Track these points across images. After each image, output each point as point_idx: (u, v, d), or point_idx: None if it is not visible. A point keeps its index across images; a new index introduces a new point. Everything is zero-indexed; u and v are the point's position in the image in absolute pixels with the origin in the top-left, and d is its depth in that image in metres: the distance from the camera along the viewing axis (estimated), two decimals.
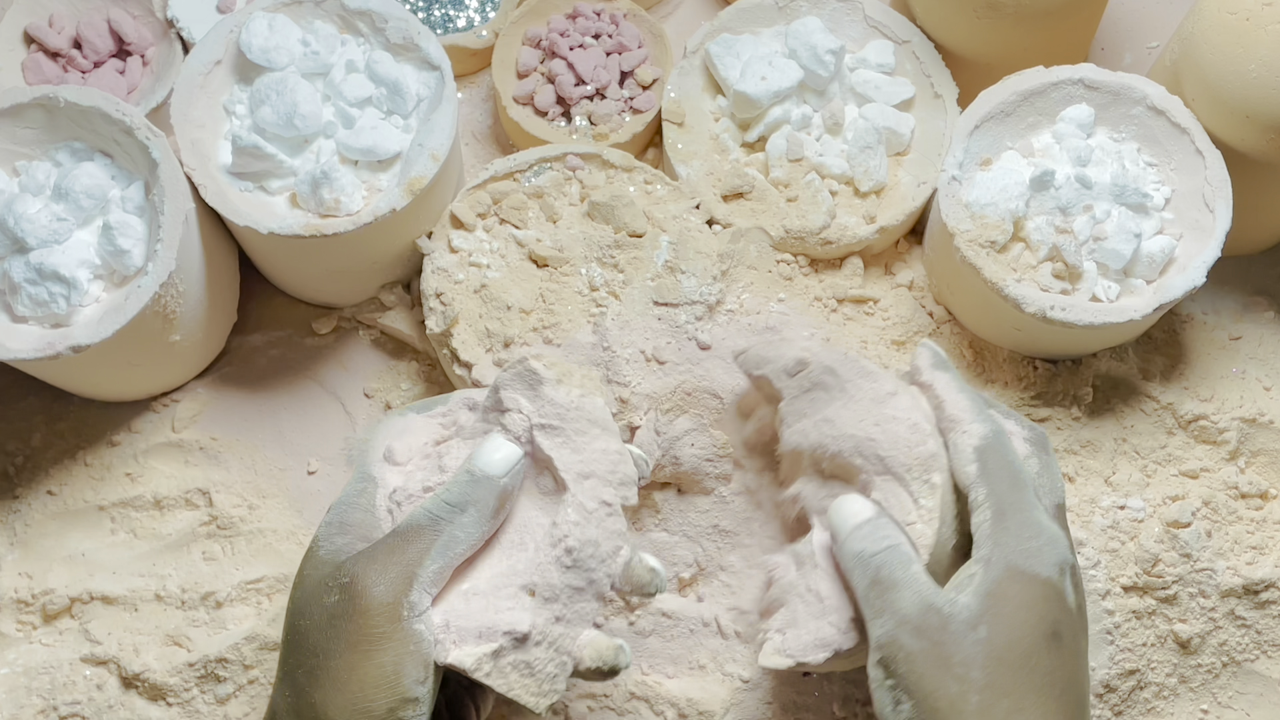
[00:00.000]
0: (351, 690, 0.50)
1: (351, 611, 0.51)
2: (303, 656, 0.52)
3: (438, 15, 0.85)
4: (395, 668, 0.51)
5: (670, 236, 0.74)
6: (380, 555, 0.53)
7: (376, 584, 0.51)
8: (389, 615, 0.51)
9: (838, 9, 0.80)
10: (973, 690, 0.52)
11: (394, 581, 0.52)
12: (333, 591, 0.52)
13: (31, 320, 0.69)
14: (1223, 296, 0.81)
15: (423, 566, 0.52)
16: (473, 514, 0.54)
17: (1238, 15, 0.71)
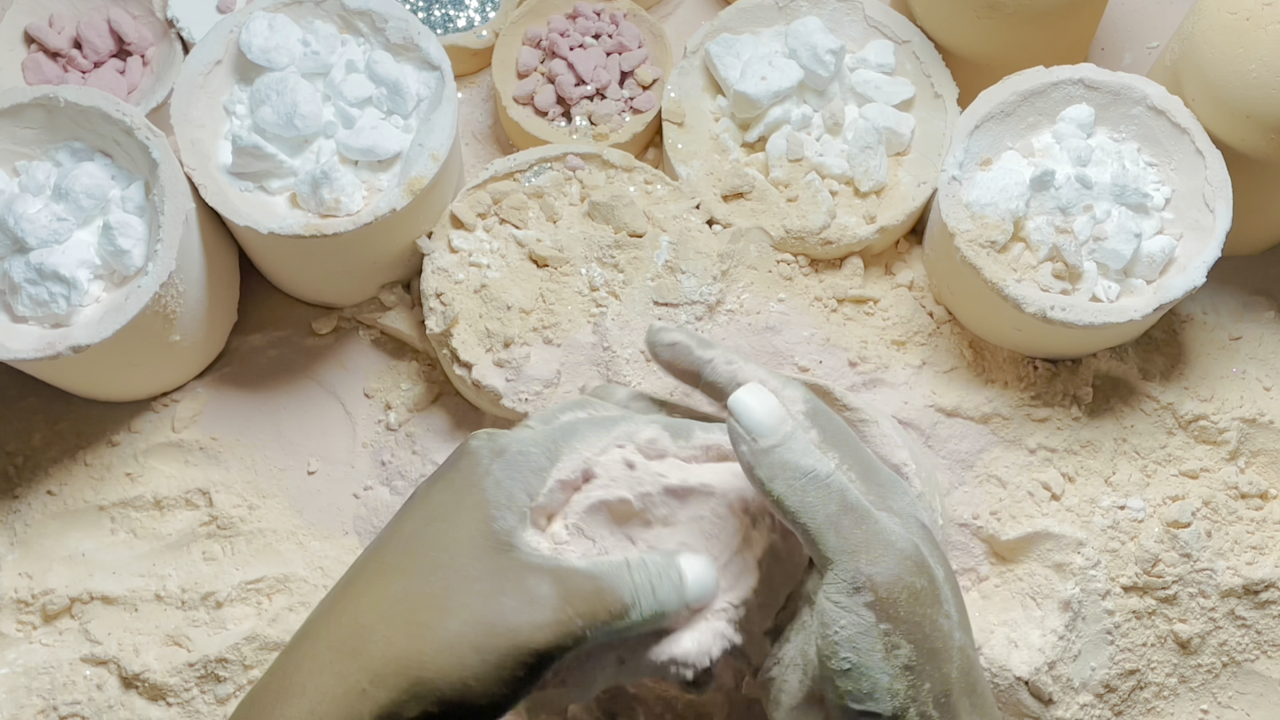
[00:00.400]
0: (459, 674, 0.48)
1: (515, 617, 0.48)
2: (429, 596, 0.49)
3: (438, 15, 0.85)
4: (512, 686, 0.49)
5: (670, 236, 0.74)
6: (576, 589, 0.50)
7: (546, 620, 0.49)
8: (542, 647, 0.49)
9: (838, 9, 0.80)
10: (955, 628, 0.51)
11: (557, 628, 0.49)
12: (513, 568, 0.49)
13: (31, 320, 0.69)
14: (1223, 296, 0.81)
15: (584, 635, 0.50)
16: (655, 621, 0.52)
17: (1238, 15, 0.71)
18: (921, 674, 0.50)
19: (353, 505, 0.75)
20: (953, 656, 0.51)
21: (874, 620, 0.49)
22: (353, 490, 0.75)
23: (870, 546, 0.50)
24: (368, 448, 0.76)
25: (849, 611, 0.49)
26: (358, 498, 0.75)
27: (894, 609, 0.49)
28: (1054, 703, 0.70)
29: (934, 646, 0.50)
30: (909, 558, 0.50)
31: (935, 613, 0.50)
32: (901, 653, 0.49)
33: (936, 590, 0.51)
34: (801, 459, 0.50)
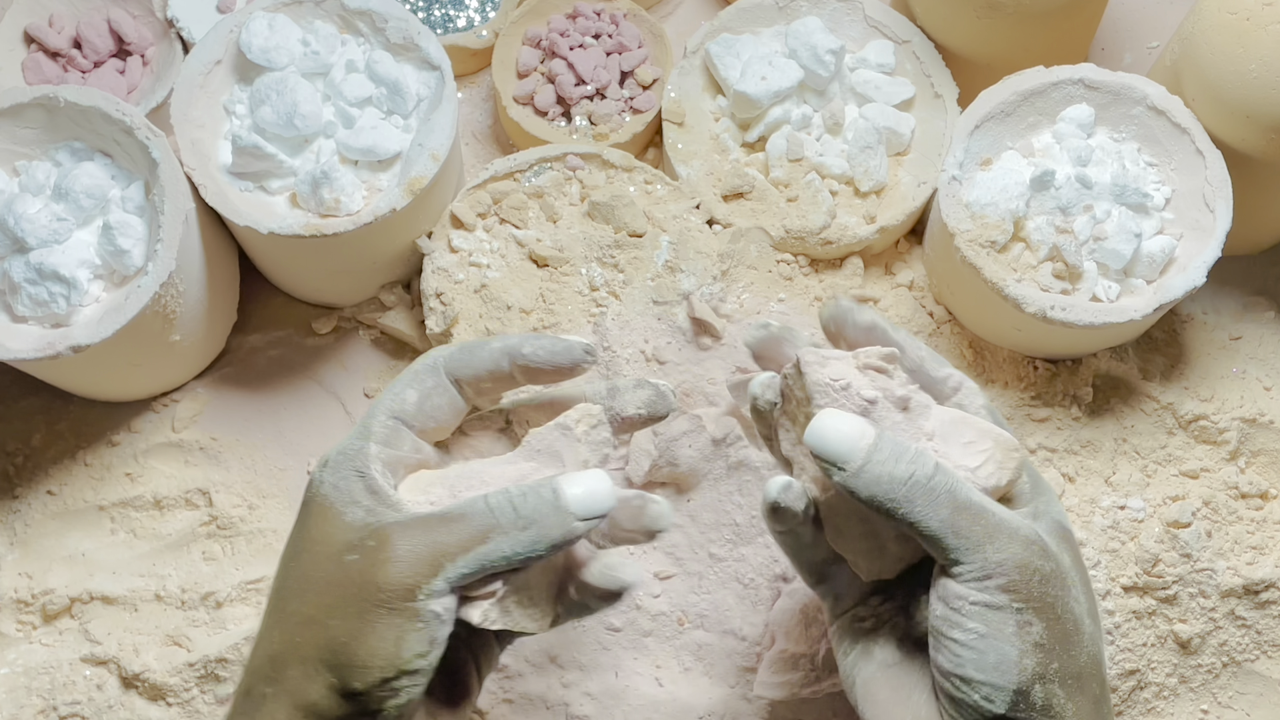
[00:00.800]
0: (349, 651, 0.50)
1: (368, 579, 0.50)
2: (303, 606, 0.51)
3: (438, 15, 0.85)
4: (397, 641, 0.50)
5: (670, 236, 0.74)
6: (418, 533, 0.50)
7: (401, 562, 0.50)
8: (403, 595, 0.50)
9: (838, 9, 0.80)
10: (1085, 615, 0.52)
11: (420, 565, 0.50)
12: (354, 552, 0.51)
13: (31, 320, 0.69)
14: (1223, 296, 0.81)
15: (454, 564, 0.50)
16: (531, 538, 0.51)
17: (1238, 15, 0.71)
18: (1052, 653, 0.50)
19: None
20: (1084, 642, 0.51)
21: (1007, 600, 0.50)
22: None
23: (994, 538, 0.50)
24: None
25: (980, 592, 0.50)
26: None
27: (1025, 589, 0.50)
28: None
29: (1065, 629, 0.51)
30: (1033, 542, 0.51)
31: (1066, 596, 0.51)
32: (1034, 630, 0.50)
33: (1064, 575, 0.51)
34: (895, 468, 0.50)
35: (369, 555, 0.50)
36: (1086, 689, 0.51)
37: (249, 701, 0.52)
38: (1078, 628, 0.51)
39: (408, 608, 0.50)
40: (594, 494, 0.51)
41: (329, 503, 0.52)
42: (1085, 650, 0.51)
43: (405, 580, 0.50)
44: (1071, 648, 0.51)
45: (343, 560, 0.51)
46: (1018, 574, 0.50)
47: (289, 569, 0.53)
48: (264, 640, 0.53)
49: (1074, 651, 0.51)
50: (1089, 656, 0.52)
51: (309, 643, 0.50)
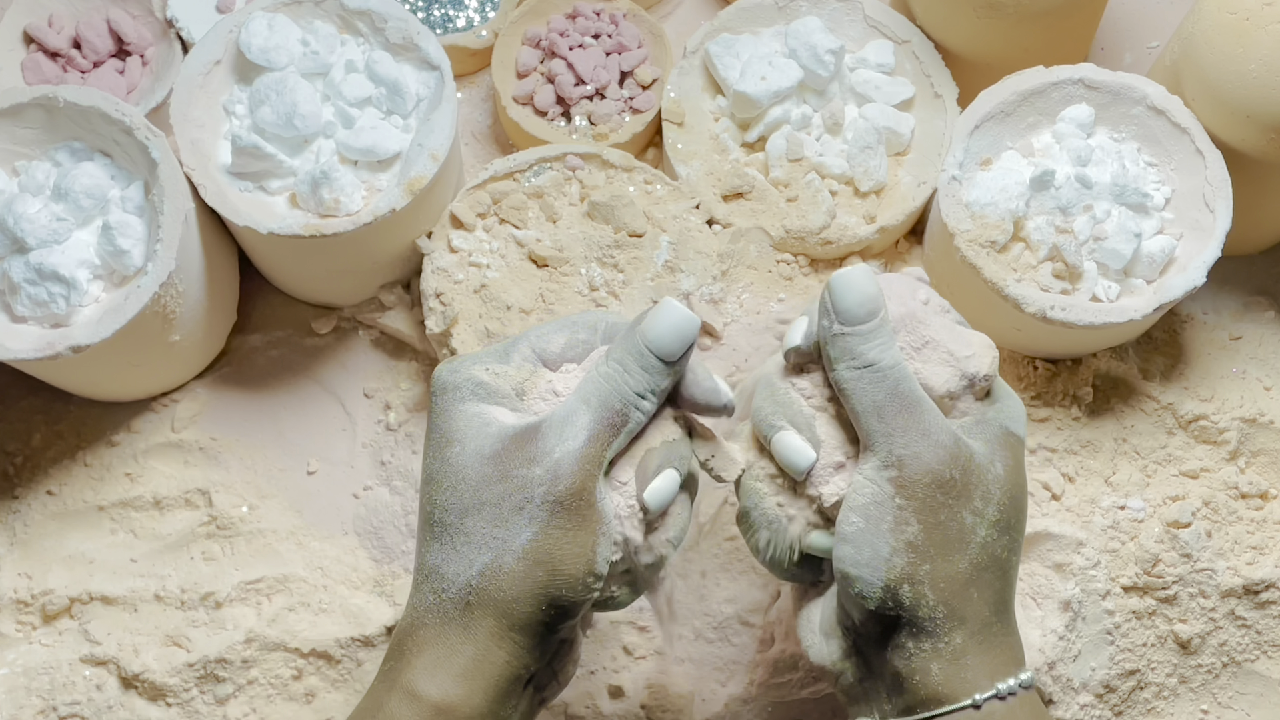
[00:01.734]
0: (555, 563, 0.51)
1: (557, 492, 0.51)
2: (489, 522, 0.52)
3: (437, 15, 0.85)
4: (593, 547, 0.52)
5: (670, 236, 0.74)
6: (578, 434, 0.52)
7: (580, 465, 0.52)
8: (587, 498, 0.52)
9: (838, 9, 0.80)
10: (983, 524, 0.53)
11: (591, 464, 0.52)
12: (525, 463, 0.52)
13: (31, 320, 0.69)
14: (1223, 296, 0.81)
15: (610, 449, 0.53)
16: (651, 402, 0.54)
17: (1238, 15, 0.71)
18: (924, 555, 0.52)
19: (352, 505, 0.75)
20: (968, 550, 0.52)
21: (891, 493, 0.52)
22: (352, 490, 0.75)
23: (907, 431, 0.52)
24: (367, 448, 0.76)
25: (872, 483, 0.53)
26: (357, 498, 0.75)
27: (912, 489, 0.52)
28: (1054, 703, 0.70)
29: (947, 535, 0.52)
30: (943, 447, 0.53)
31: (960, 505, 0.52)
32: (909, 530, 0.52)
33: (969, 486, 0.53)
34: (868, 350, 0.53)
35: (537, 467, 0.52)
36: (965, 597, 0.52)
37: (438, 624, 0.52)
38: (964, 536, 0.52)
39: (594, 512, 0.52)
40: (674, 328, 0.54)
41: (476, 401, 0.54)
42: (968, 558, 0.52)
43: (587, 483, 0.52)
44: (952, 554, 0.52)
45: (507, 470, 0.52)
46: (910, 471, 0.52)
47: (445, 468, 0.54)
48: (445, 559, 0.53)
49: (954, 559, 0.52)
50: (973, 565, 0.53)
51: (506, 560, 0.51)
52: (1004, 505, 0.54)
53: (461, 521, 0.52)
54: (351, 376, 0.78)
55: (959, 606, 0.52)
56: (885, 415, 0.53)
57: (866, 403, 0.53)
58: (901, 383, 0.53)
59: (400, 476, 0.74)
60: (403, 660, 0.53)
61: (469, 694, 0.52)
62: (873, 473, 0.53)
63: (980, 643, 0.53)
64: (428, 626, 0.53)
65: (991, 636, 0.53)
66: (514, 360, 0.56)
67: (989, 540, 0.53)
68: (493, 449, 0.52)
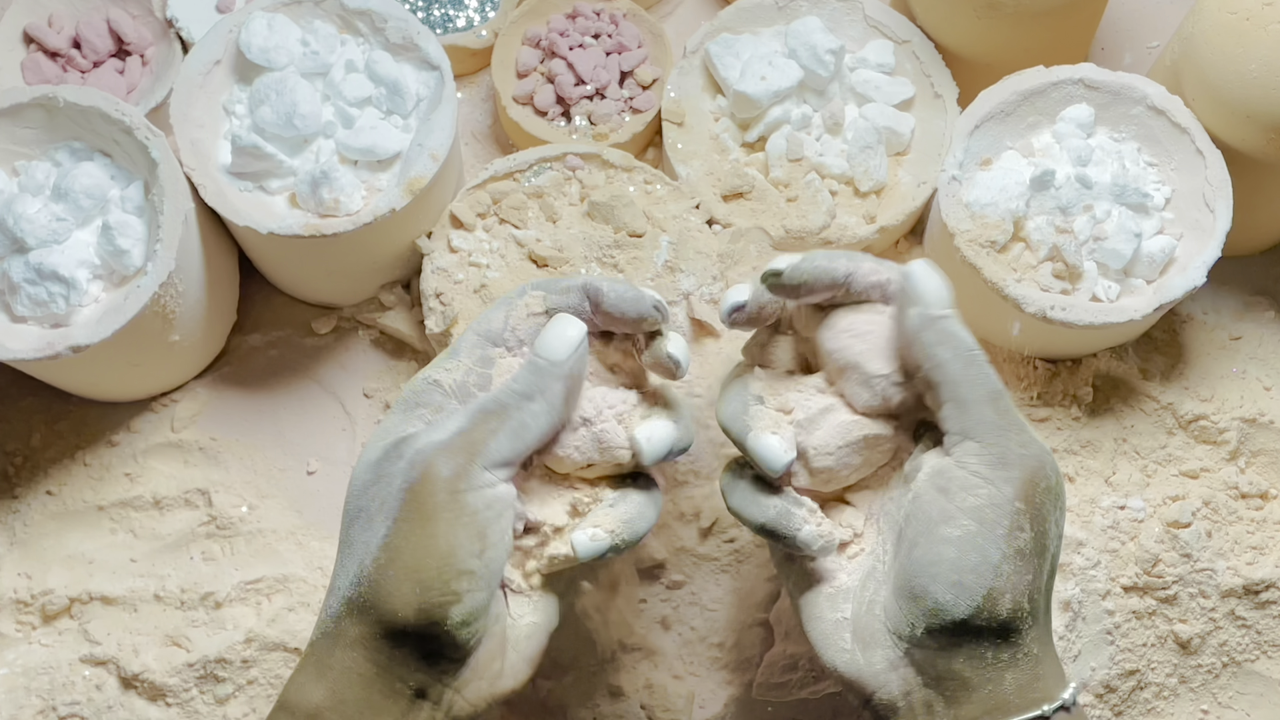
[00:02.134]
0: (405, 559, 0.50)
1: (411, 480, 0.51)
2: (361, 527, 0.52)
3: (437, 15, 0.85)
4: (449, 539, 0.50)
5: (670, 236, 0.74)
6: (447, 428, 0.52)
7: (438, 455, 0.51)
8: (447, 487, 0.50)
9: (838, 9, 0.80)
10: (1058, 538, 0.52)
11: (456, 455, 0.51)
12: (395, 460, 0.52)
13: (31, 320, 0.69)
14: (1223, 296, 0.81)
15: (487, 445, 0.51)
16: (541, 404, 0.53)
17: (1238, 15, 0.71)
18: (1028, 565, 0.50)
19: None
20: (1048, 559, 0.51)
21: (1012, 496, 0.49)
22: None
23: (1023, 430, 0.51)
24: None
25: (990, 483, 0.50)
26: None
27: (1032, 493, 0.50)
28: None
29: (1045, 544, 0.51)
30: (1045, 452, 0.51)
31: (1057, 515, 0.51)
32: (1023, 537, 0.50)
33: (1060, 497, 0.52)
34: (968, 335, 0.52)
35: (402, 461, 0.52)
36: (1041, 610, 0.51)
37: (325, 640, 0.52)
38: (1054, 547, 0.51)
39: (454, 501, 0.50)
40: (560, 336, 0.54)
41: (400, 415, 0.55)
42: (1048, 569, 0.51)
43: (453, 471, 0.50)
44: (1045, 563, 0.51)
45: (381, 470, 0.52)
46: (1031, 474, 0.50)
47: (349, 484, 0.54)
48: (336, 574, 0.53)
49: (1044, 568, 0.51)
50: (1049, 574, 0.52)
51: (367, 564, 0.51)
52: (1063, 519, 0.53)
53: (347, 533, 0.52)
54: (351, 376, 0.78)
55: (1043, 617, 0.51)
56: (1001, 408, 0.51)
57: (982, 391, 0.51)
58: (994, 379, 0.52)
59: None
60: (304, 673, 0.52)
61: (337, 703, 0.50)
62: (987, 470, 0.50)
63: (1046, 654, 0.51)
64: (313, 642, 0.52)
65: (1048, 649, 0.52)
66: (462, 352, 0.56)
67: (1055, 554, 0.52)
68: (379, 455, 0.52)
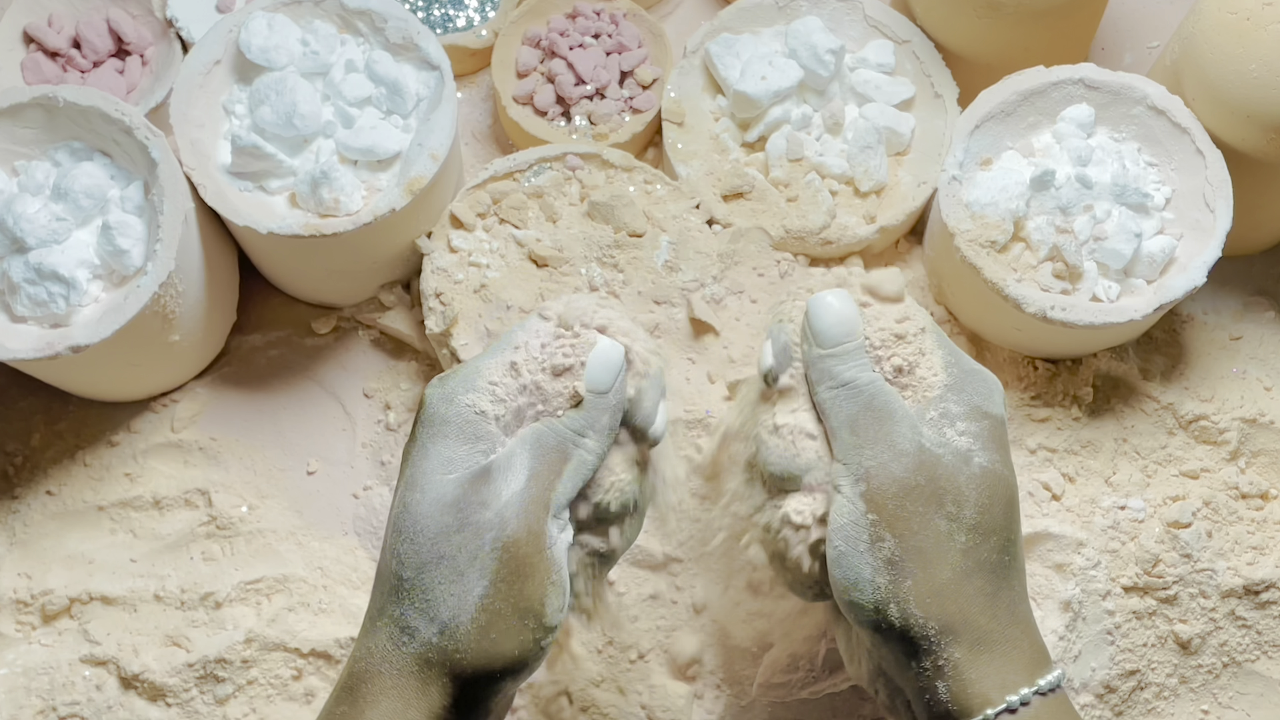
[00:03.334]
0: (505, 621, 0.50)
1: (505, 538, 0.50)
2: (446, 578, 0.51)
3: (437, 15, 0.85)
4: (542, 597, 0.51)
5: (670, 236, 0.74)
6: (519, 474, 0.52)
7: (526, 510, 0.51)
8: (536, 545, 0.51)
9: (838, 9, 0.80)
10: (960, 530, 0.52)
11: (537, 507, 0.51)
12: (478, 509, 0.51)
13: (31, 320, 0.69)
14: (1223, 296, 0.81)
15: (556, 493, 0.52)
16: (593, 439, 0.53)
17: (1238, 15, 0.71)
18: (904, 570, 0.51)
19: (352, 505, 0.75)
20: (947, 558, 0.51)
21: (864, 510, 0.52)
22: (352, 490, 0.75)
23: (876, 443, 0.52)
24: (367, 448, 0.76)
25: (849, 502, 0.52)
26: (357, 498, 0.75)
27: (882, 502, 0.51)
28: None
29: (921, 545, 0.51)
30: (907, 455, 0.52)
31: (930, 511, 0.51)
32: (886, 546, 0.51)
33: (938, 492, 0.52)
34: (845, 371, 0.54)
35: (488, 510, 0.51)
36: (954, 609, 0.51)
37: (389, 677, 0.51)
38: (941, 544, 0.51)
39: (542, 559, 0.51)
40: (604, 364, 0.54)
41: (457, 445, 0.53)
42: (950, 566, 0.51)
43: (535, 526, 0.51)
44: (931, 564, 0.51)
45: (465, 518, 0.51)
46: (876, 482, 0.52)
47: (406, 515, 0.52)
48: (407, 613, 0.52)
49: (934, 569, 0.51)
50: (958, 572, 0.51)
51: (461, 619, 0.50)
52: (982, 505, 0.52)
53: (419, 576, 0.51)
54: (351, 376, 0.78)
55: (949, 620, 0.51)
56: (858, 428, 0.53)
57: (841, 418, 0.53)
58: (876, 397, 0.53)
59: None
60: (356, 708, 0.51)
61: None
62: (848, 489, 0.52)
63: (981, 654, 0.51)
64: (384, 675, 0.51)
65: (994, 645, 0.51)
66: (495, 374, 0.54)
67: (971, 545, 0.52)
68: (453, 496, 0.51)
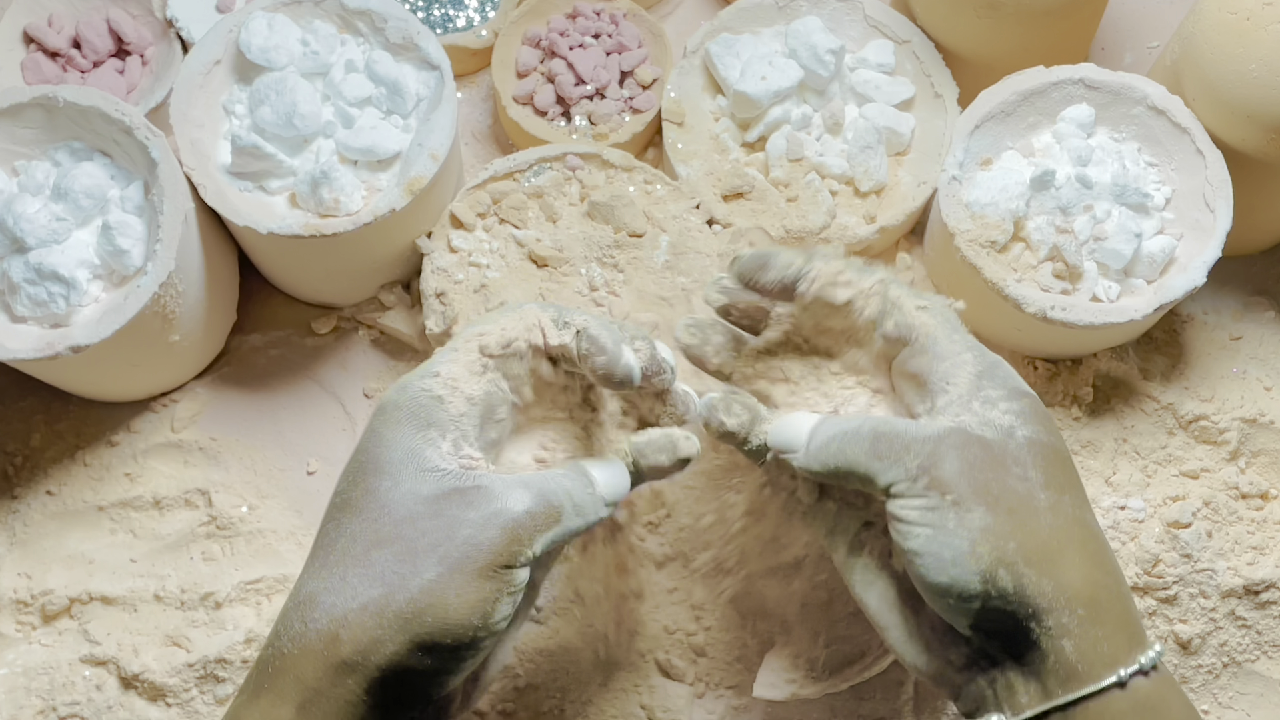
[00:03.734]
0: (442, 610, 0.50)
1: (473, 540, 0.51)
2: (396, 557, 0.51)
3: (437, 15, 0.85)
4: (494, 600, 0.51)
5: (670, 236, 0.74)
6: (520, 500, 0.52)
7: (512, 528, 0.51)
8: (505, 560, 0.51)
9: (838, 8, 0.80)
10: (1037, 487, 0.51)
11: (520, 533, 0.51)
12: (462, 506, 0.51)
13: (31, 320, 0.69)
14: (1223, 296, 0.81)
15: (535, 540, 0.52)
16: (580, 523, 0.54)
17: (1238, 15, 0.71)
18: (1003, 534, 0.50)
19: None
20: (1039, 513, 0.51)
21: (938, 497, 0.51)
22: None
23: (909, 447, 0.52)
24: None
25: (914, 497, 0.52)
26: None
27: (947, 480, 0.51)
28: None
29: (1011, 505, 0.51)
30: (946, 436, 0.52)
31: (1004, 475, 0.51)
32: (974, 516, 0.50)
33: (999, 455, 0.52)
34: (828, 441, 0.55)
35: (472, 511, 0.51)
36: (1066, 564, 0.50)
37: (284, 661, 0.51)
38: (1026, 503, 0.51)
39: (505, 574, 0.51)
40: (618, 485, 0.57)
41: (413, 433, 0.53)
42: (1044, 522, 0.51)
43: (512, 548, 0.51)
44: (1027, 521, 0.51)
45: (441, 509, 0.51)
46: (935, 469, 0.51)
47: (369, 498, 0.52)
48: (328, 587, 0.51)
49: (1031, 525, 0.51)
50: (1051, 528, 0.51)
51: (397, 597, 0.50)
52: (1043, 467, 0.52)
53: (367, 553, 0.51)
54: (351, 376, 0.78)
55: (1064, 577, 0.50)
56: (881, 451, 0.53)
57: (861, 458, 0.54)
58: (877, 425, 0.54)
59: None
60: (253, 690, 0.51)
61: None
62: (907, 498, 0.52)
63: (1105, 611, 0.50)
64: (286, 656, 0.51)
65: (1115, 603, 0.50)
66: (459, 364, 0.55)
67: (1053, 502, 0.51)
68: (431, 492, 0.51)
